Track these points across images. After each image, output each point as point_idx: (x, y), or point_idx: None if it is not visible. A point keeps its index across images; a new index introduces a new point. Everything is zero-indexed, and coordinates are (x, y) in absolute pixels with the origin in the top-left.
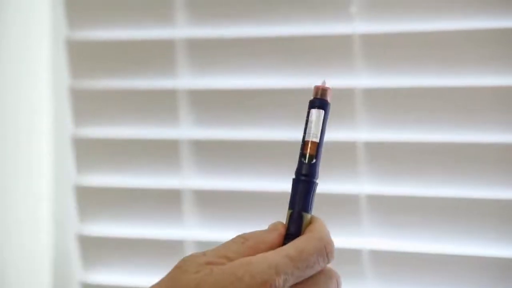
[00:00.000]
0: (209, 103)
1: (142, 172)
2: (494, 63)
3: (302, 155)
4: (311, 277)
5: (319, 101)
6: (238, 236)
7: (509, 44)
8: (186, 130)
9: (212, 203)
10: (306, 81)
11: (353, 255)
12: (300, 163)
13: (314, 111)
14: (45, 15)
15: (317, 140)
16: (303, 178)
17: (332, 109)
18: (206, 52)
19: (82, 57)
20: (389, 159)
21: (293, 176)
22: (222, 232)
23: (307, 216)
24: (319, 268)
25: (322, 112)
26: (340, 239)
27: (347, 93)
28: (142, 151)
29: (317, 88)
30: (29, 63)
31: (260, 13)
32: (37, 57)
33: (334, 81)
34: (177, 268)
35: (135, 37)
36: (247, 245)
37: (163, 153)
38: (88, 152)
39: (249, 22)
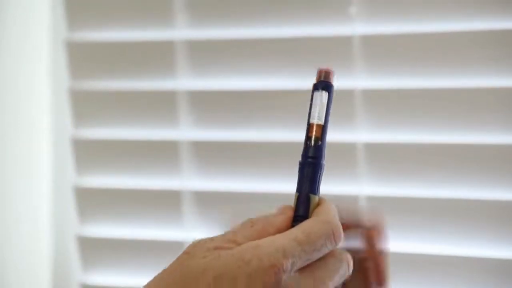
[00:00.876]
0: (208, 105)
1: (142, 173)
2: (493, 64)
3: (308, 138)
4: (320, 259)
5: (323, 83)
6: (247, 220)
7: (508, 45)
8: (185, 131)
9: (211, 204)
10: (306, 82)
11: None
12: (306, 146)
13: (318, 94)
14: (44, 16)
15: (322, 122)
16: (310, 160)
17: (332, 110)
18: (205, 54)
19: (81, 58)
20: (389, 160)
21: (297, 169)
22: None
23: (315, 198)
24: (327, 251)
25: (326, 94)
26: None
27: (347, 94)
28: (141, 152)
29: (320, 71)
30: (29, 64)
31: (259, 14)
32: (37, 58)
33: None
34: (185, 253)
35: (134, 38)
36: (255, 229)
37: (163, 154)
38: (87, 153)
39: (249, 24)
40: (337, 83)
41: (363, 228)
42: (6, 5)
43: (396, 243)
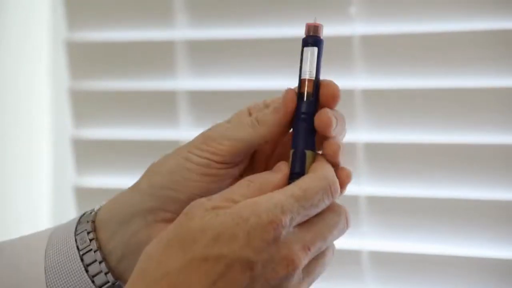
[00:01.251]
0: (208, 105)
1: (142, 173)
2: (493, 64)
3: (300, 94)
4: (318, 214)
5: (312, 38)
6: (244, 179)
7: (508, 45)
8: (185, 131)
9: None
10: None
11: (353, 256)
12: (299, 102)
13: (307, 49)
14: (44, 16)
15: (313, 77)
16: (303, 116)
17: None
18: (205, 54)
19: (81, 58)
20: (389, 160)
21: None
22: None
23: (311, 154)
24: (324, 206)
25: (315, 49)
26: (340, 241)
27: (346, 94)
28: (141, 152)
29: (308, 26)
30: (29, 64)
31: (259, 14)
32: (37, 58)
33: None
34: (184, 215)
35: (134, 38)
36: (252, 187)
37: (163, 154)
38: (87, 153)
39: (249, 24)
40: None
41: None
42: (6, 5)
43: (396, 243)
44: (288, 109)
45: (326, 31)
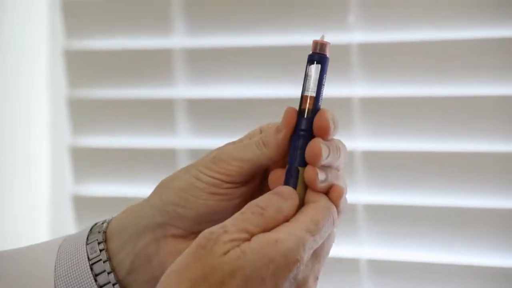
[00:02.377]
0: (206, 113)
1: (140, 181)
2: (491, 72)
3: (300, 110)
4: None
5: (318, 55)
6: (254, 206)
7: (507, 53)
8: (183, 139)
9: None
10: None
11: (351, 264)
12: (299, 118)
13: (312, 66)
14: (42, 24)
15: (315, 94)
16: (301, 133)
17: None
18: (203, 62)
19: (79, 66)
20: (387, 169)
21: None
22: None
23: (303, 171)
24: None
25: (319, 66)
26: (338, 249)
27: (344, 102)
28: (139, 160)
29: (315, 43)
30: (27, 72)
31: (257, 23)
32: (35, 67)
33: (331, 91)
34: (201, 248)
35: (132, 46)
36: (266, 216)
37: (161, 162)
38: (85, 162)
39: (247, 32)
40: (335, 91)
41: None
42: (4, 14)
43: (394, 251)
44: (289, 128)
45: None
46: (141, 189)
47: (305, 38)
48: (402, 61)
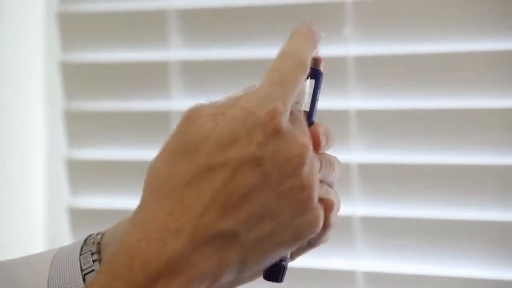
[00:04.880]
0: None
1: (136, 193)
2: (487, 85)
3: None
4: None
5: (312, 71)
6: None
7: (502, 66)
8: None
9: None
10: None
11: (347, 276)
12: None
13: (306, 81)
14: (39, 37)
15: (308, 109)
16: None
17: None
18: (199, 74)
19: (76, 79)
20: (383, 181)
21: None
22: None
23: None
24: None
25: (313, 81)
26: (334, 261)
27: (341, 115)
28: (136, 172)
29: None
30: (23, 85)
31: (253, 35)
32: (31, 79)
33: (328, 103)
34: (186, 119)
35: (129, 59)
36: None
37: None
38: (81, 174)
39: (243, 44)
40: (331, 103)
41: None
42: (0, 26)
43: (390, 263)
44: None
45: (320, 52)
46: (137, 201)
47: None
48: (399, 73)
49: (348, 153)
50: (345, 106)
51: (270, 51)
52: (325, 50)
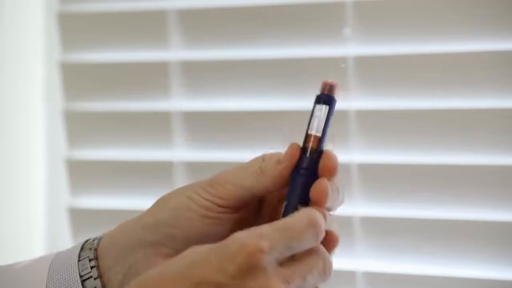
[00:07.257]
0: (203, 125)
1: (136, 193)
2: (487, 85)
3: (304, 148)
4: (303, 254)
5: (326, 96)
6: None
7: (502, 66)
8: (179, 152)
9: None
10: (301, 103)
11: (347, 277)
12: (301, 156)
13: (319, 107)
14: (39, 37)
15: (320, 134)
16: (302, 171)
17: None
18: (200, 75)
19: (75, 79)
20: (383, 181)
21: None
22: None
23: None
24: (308, 245)
25: (326, 108)
26: (334, 261)
27: (340, 115)
28: (135, 172)
29: (325, 84)
30: (23, 85)
31: (253, 35)
32: (31, 80)
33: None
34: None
35: (129, 59)
36: None
37: (157, 174)
38: (81, 174)
39: (243, 45)
40: None
41: None
42: (0, 27)
43: (390, 263)
44: (291, 163)
45: (320, 52)
46: (137, 201)
47: (302, 51)
48: (398, 74)
49: (348, 153)
50: (345, 106)
51: (270, 51)
52: (325, 50)
